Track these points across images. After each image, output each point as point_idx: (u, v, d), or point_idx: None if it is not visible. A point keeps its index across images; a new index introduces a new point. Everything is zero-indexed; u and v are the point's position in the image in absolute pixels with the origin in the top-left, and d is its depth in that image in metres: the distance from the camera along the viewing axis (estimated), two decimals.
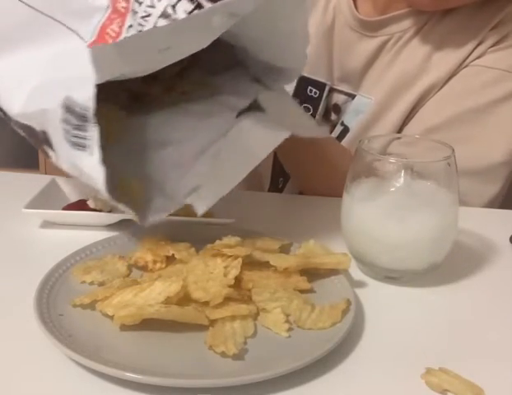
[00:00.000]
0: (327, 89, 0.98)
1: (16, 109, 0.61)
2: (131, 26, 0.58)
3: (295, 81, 0.97)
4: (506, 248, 0.71)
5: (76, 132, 0.57)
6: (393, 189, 0.61)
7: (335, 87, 0.98)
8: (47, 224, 0.72)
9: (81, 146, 0.57)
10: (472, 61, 0.87)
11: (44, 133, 0.61)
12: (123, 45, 0.56)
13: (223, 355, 0.48)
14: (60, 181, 0.77)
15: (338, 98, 0.98)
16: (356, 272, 0.63)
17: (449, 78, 0.88)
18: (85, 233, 0.70)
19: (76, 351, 0.48)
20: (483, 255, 0.70)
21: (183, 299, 0.53)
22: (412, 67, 0.90)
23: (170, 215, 0.67)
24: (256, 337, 0.52)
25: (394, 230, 0.61)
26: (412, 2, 0.89)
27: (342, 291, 0.57)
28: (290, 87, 0.97)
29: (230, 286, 0.54)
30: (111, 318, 0.52)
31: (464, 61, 0.88)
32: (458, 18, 0.88)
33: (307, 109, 0.98)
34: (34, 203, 0.71)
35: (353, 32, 0.95)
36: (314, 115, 0.98)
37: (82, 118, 0.56)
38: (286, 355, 0.50)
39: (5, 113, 0.64)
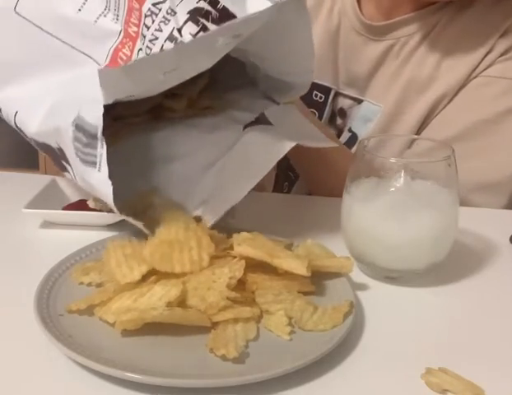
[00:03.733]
0: (332, 93, 0.98)
1: (34, 128, 0.65)
2: (140, 49, 0.59)
3: None
4: (506, 248, 0.71)
5: (85, 149, 0.59)
6: (393, 189, 0.61)
7: (340, 91, 0.98)
8: (47, 224, 0.72)
9: (90, 163, 0.59)
10: (483, 70, 0.86)
11: (61, 150, 0.63)
12: (130, 68, 0.57)
13: (223, 358, 0.48)
14: (60, 181, 0.78)
15: (344, 102, 0.98)
16: (357, 272, 0.63)
17: (460, 88, 0.87)
18: (85, 233, 0.70)
19: (76, 351, 0.48)
20: (483, 255, 0.70)
21: (183, 302, 0.53)
22: (422, 75, 0.89)
23: None
24: (258, 340, 0.52)
25: (394, 229, 0.61)
26: None
27: (343, 293, 0.57)
28: None
29: (232, 289, 0.53)
30: (112, 323, 0.52)
31: (475, 70, 0.87)
32: (465, 24, 0.87)
33: (312, 114, 0.98)
34: (34, 203, 0.71)
35: (359, 36, 0.94)
36: (319, 120, 0.97)
37: (91, 136, 0.58)
38: (287, 356, 0.50)
39: (24, 134, 0.67)
